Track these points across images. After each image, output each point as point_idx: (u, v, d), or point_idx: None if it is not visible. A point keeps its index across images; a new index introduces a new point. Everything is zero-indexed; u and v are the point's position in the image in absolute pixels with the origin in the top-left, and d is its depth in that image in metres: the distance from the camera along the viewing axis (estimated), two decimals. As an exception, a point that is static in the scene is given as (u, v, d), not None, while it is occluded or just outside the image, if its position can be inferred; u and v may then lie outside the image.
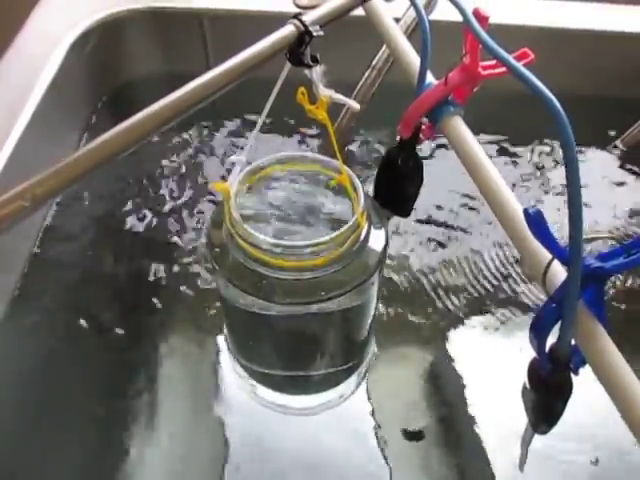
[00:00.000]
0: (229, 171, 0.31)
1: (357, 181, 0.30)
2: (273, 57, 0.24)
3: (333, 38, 0.46)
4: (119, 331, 0.44)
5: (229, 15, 0.55)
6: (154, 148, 0.55)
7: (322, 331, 0.34)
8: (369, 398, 0.41)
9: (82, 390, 0.41)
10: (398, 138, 0.34)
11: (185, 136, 0.57)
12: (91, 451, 0.39)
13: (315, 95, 0.28)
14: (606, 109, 0.56)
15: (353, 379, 0.39)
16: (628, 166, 0.56)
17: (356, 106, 0.29)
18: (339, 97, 0.28)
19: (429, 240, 0.51)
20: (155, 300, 0.46)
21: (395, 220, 0.51)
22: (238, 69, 0.23)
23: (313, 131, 0.57)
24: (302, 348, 0.36)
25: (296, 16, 0.25)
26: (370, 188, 0.37)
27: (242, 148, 0.32)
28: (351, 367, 0.38)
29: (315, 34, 0.25)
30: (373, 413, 0.41)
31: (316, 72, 0.27)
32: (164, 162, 0.55)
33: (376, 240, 0.31)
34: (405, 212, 0.36)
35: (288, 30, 0.24)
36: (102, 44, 0.54)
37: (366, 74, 0.44)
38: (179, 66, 0.58)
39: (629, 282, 0.47)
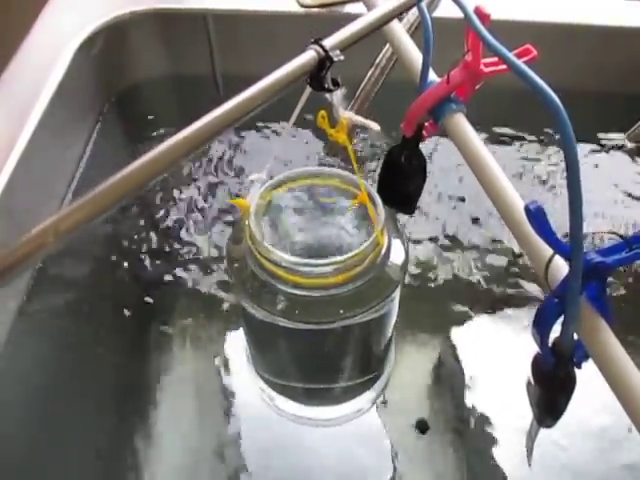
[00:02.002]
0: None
1: (377, 198, 0.30)
2: (294, 83, 0.24)
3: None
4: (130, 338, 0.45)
5: (233, 15, 0.55)
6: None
7: (342, 344, 0.34)
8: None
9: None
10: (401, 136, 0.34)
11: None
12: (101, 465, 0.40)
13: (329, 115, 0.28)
14: (611, 105, 0.55)
15: (374, 390, 0.39)
16: (633, 162, 0.55)
17: (376, 127, 0.29)
18: (359, 119, 0.28)
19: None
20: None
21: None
22: (259, 97, 0.22)
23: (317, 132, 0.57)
24: (322, 361, 0.36)
25: (316, 41, 0.24)
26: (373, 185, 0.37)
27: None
28: (371, 379, 0.38)
29: (336, 59, 0.24)
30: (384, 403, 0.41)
31: (336, 96, 0.26)
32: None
33: (396, 254, 0.31)
34: (409, 210, 0.37)
35: (309, 56, 0.24)
36: (108, 47, 0.54)
37: (369, 72, 0.45)
38: (184, 67, 0.59)
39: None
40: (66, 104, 0.49)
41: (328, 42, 0.24)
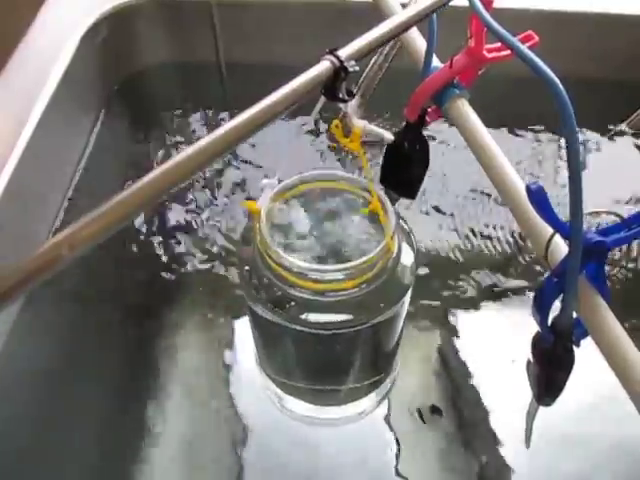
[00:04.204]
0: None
1: (388, 204, 0.30)
2: (309, 94, 0.23)
3: (340, 24, 0.47)
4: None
5: (237, 3, 0.56)
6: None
7: (351, 347, 0.34)
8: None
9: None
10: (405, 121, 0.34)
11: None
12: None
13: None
14: (612, 92, 0.56)
15: (380, 390, 0.39)
16: (633, 148, 0.56)
17: (389, 137, 0.29)
18: (372, 128, 0.28)
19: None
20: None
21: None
22: (274, 108, 0.22)
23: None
24: (331, 363, 0.36)
25: (331, 51, 0.24)
26: (376, 171, 0.37)
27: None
28: (379, 379, 0.38)
29: (351, 69, 0.24)
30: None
31: (351, 105, 0.26)
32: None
33: (406, 257, 0.31)
34: (411, 194, 0.37)
35: (324, 66, 0.24)
36: (112, 35, 0.55)
37: (373, 60, 0.45)
38: (189, 55, 0.59)
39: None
40: (71, 91, 0.50)
41: (343, 52, 0.24)
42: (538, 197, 0.22)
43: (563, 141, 0.55)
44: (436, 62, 0.33)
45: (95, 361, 0.43)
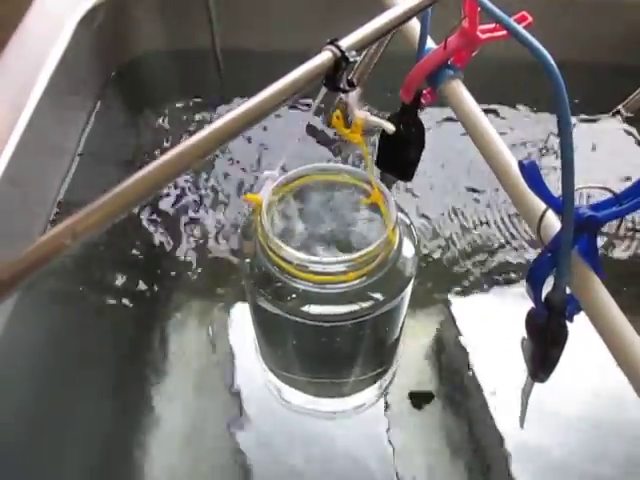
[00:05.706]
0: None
1: (390, 197, 0.30)
2: (310, 85, 0.23)
3: (336, 9, 0.47)
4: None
5: (233, -10, 0.56)
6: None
7: (352, 339, 0.34)
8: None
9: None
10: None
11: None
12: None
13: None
14: (608, 76, 0.56)
15: (381, 382, 0.39)
16: (630, 131, 0.56)
17: (391, 128, 0.29)
18: (374, 119, 0.28)
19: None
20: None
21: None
22: (275, 99, 0.22)
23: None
24: (332, 355, 0.36)
25: (332, 42, 0.24)
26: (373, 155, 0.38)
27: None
28: (380, 372, 0.38)
29: (352, 59, 0.24)
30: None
31: (352, 96, 0.26)
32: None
33: (407, 248, 0.31)
34: (408, 177, 0.37)
35: (325, 57, 0.24)
36: (109, 21, 0.54)
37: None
38: (185, 43, 0.59)
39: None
40: (68, 78, 0.50)
41: (344, 42, 0.24)
42: (531, 172, 0.22)
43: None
44: (431, 44, 0.33)
45: (92, 351, 0.43)
